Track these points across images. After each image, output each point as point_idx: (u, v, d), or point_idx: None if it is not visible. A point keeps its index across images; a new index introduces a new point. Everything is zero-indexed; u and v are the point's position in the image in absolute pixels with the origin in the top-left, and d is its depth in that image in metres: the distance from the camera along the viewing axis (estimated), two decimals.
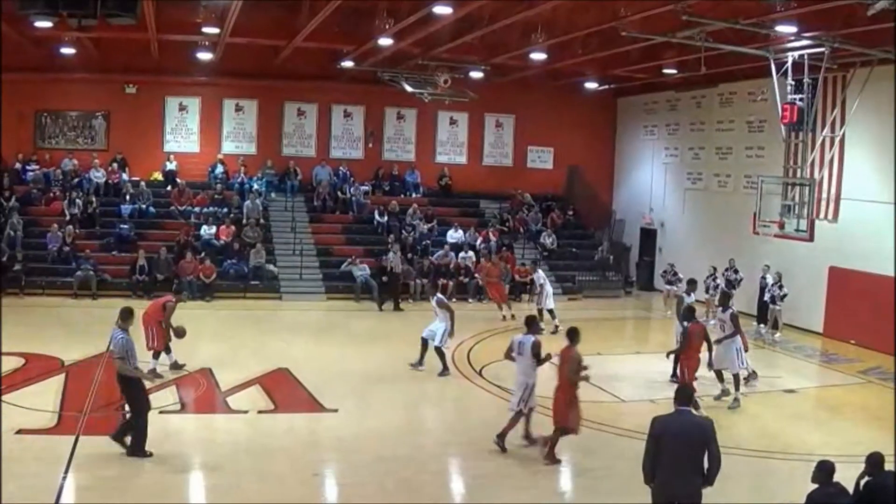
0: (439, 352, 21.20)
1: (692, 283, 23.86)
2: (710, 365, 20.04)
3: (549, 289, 28.24)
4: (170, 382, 19.07)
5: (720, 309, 21.22)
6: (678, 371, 19.80)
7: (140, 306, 25.83)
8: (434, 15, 23.20)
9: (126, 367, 14.31)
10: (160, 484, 13.29)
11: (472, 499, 14.09)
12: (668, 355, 21.02)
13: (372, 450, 15.60)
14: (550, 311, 27.66)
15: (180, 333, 19.34)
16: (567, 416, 15.55)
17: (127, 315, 14.94)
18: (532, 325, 16.73)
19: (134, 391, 14.51)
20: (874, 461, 11.01)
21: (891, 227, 26.11)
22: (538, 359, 15.92)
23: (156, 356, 19.56)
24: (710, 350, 19.84)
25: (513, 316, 29.04)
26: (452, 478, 15.35)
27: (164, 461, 14.17)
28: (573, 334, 15.83)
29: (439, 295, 22.11)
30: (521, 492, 14.11)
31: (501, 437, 15.89)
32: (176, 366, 19.97)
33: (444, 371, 21.12)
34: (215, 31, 26.49)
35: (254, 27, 26.97)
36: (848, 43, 22.32)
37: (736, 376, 19.81)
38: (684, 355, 19.11)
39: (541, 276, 28.60)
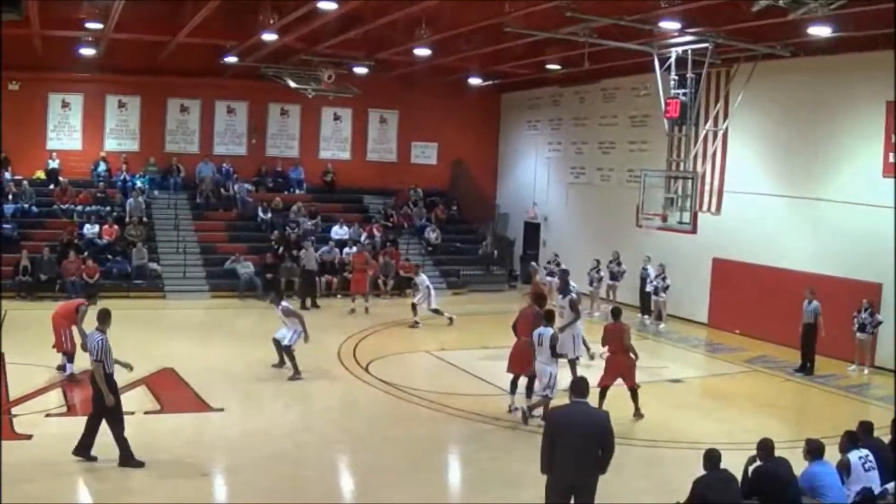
0: (289, 354, 20.91)
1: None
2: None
3: (432, 291, 28.20)
4: (57, 384, 18.64)
5: (560, 296, 21.34)
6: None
7: (25, 308, 25.56)
8: (319, 10, 23.11)
9: (99, 371, 14.07)
10: (46, 487, 12.93)
11: (359, 494, 14.01)
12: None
13: (260, 448, 15.46)
14: (436, 311, 27.74)
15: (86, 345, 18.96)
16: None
17: (105, 317, 14.67)
18: (551, 318, 17.95)
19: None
20: (765, 447, 11.22)
21: (772, 218, 26.75)
22: (553, 350, 17.13)
23: (70, 359, 19.21)
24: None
25: (366, 310, 29.42)
26: (340, 474, 15.27)
27: (50, 464, 13.79)
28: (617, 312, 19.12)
29: (284, 303, 21.77)
30: (409, 486, 14.04)
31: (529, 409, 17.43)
32: (74, 376, 19.46)
33: (296, 375, 20.66)
34: (99, 26, 25.92)
35: (137, 23, 26.50)
36: (732, 39, 22.72)
37: (572, 362, 19.97)
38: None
39: (424, 279, 28.51)
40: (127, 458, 14.05)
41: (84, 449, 14.11)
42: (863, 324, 22.90)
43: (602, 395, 17.85)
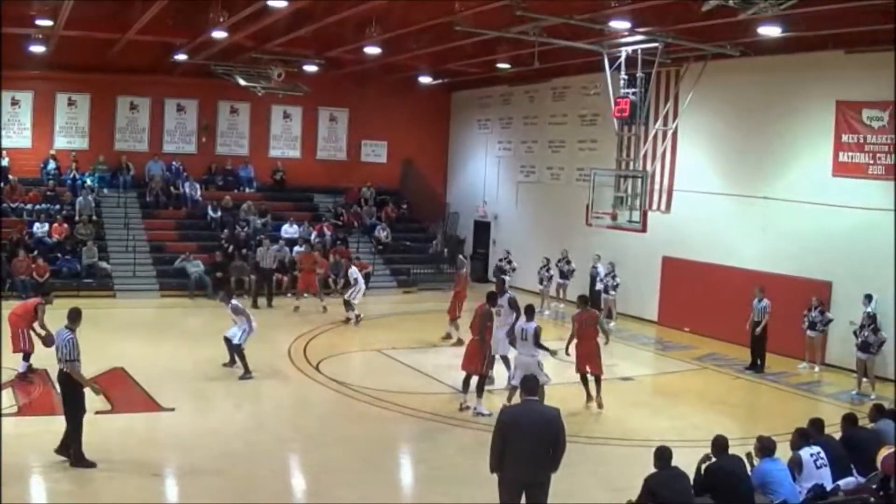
0: (240, 353, 20.79)
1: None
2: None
3: (361, 286, 28.12)
4: (6, 384, 18.32)
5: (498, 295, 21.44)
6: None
7: None
8: (269, 8, 23.02)
9: (77, 369, 13.91)
10: None
11: (312, 494, 13.95)
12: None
13: (211, 447, 15.36)
14: (348, 304, 27.78)
15: (49, 342, 18.67)
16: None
17: (75, 316, 14.42)
18: (530, 312, 18.43)
19: (77, 394, 14.02)
20: (719, 444, 11.29)
21: (722, 216, 26.95)
22: (537, 342, 17.72)
23: (26, 358, 18.97)
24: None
25: (324, 308, 29.31)
26: (292, 474, 15.19)
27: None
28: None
29: (234, 301, 21.65)
30: (361, 485, 14.03)
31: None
32: (26, 376, 19.21)
33: (246, 374, 20.52)
34: (49, 23, 25.60)
35: (88, 20, 26.05)
36: (681, 38, 22.84)
37: (505, 357, 19.93)
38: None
39: (354, 271, 28.43)
40: (79, 458, 13.93)
41: (76, 454, 13.99)
42: (813, 322, 23.09)
43: (584, 381, 18.91)
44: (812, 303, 23.16)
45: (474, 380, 18.20)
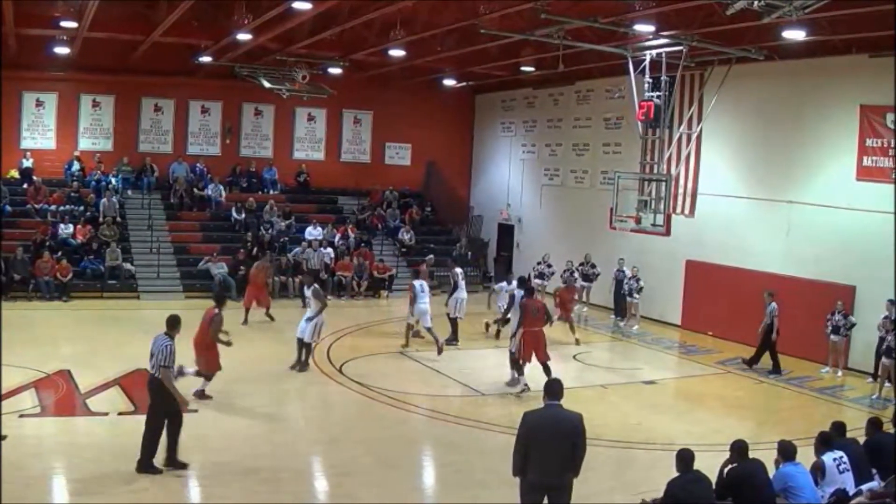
0: (307, 347, 21.17)
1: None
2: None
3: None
4: (28, 385, 18.44)
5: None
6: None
7: None
8: (293, 10, 22.98)
9: (169, 376, 13.91)
10: (18, 489, 12.82)
11: (334, 496, 13.95)
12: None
13: (234, 449, 15.40)
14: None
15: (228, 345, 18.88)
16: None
17: (174, 322, 14.48)
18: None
19: (167, 400, 14.02)
20: (739, 449, 11.27)
21: (746, 220, 26.90)
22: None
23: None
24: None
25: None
26: (315, 475, 15.21)
27: (23, 465, 13.61)
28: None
29: (316, 286, 21.94)
30: (382, 487, 14.06)
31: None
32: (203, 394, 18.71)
33: (299, 365, 21.08)
34: (73, 25, 25.72)
35: (112, 21, 26.23)
36: (706, 42, 22.78)
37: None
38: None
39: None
40: (173, 459, 14.07)
41: (143, 461, 14.00)
42: (836, 326, 23.01)
43: (546, 369, 19.22)
44: (836, 307, 23.08)
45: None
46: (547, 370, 18.95)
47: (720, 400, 20.66)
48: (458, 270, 27.19)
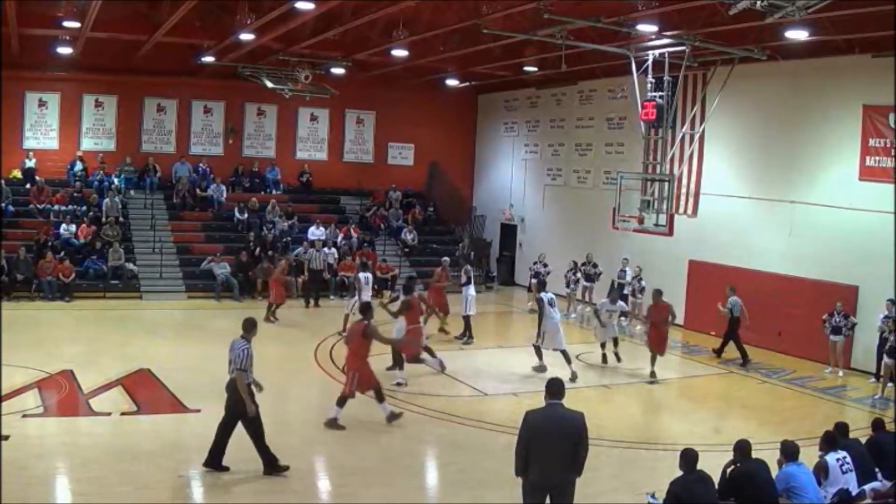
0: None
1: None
2: None
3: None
4: (31, 385, 18.46)
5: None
6: None
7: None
8: (296, 10, 23.00)
9: (243, 379, 13.85)
10: (20, 489, 12.83)
11: (339, 496, 13.96)
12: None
13: (237, 449, 15.33)
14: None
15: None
16: None
17: (251, 326, 14.33)
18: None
19: (241, 404, 13.98)
20: (741, 449, 11.28)
21: (749, 220, 26.91)
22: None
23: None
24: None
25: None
26: (319, 475, 15.21)
27: (26, 466, 13.63)
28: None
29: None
30: (386, 487, 14.08)
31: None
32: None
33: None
34: (76, 25, 25.72)
35: (114, 22, 26.23)
36: (709, 42, 22.77)
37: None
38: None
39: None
40: (272, 465, 14.06)
41: (215, 458, 14.11)
42: (837, 326, 23.00)
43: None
44: (836, 307, 23.07)
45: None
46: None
47: (723, 400, 20.68)
48: (470, 267, 27.90)
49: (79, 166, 34.79)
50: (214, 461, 14.08)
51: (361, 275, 26.10)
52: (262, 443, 14.08)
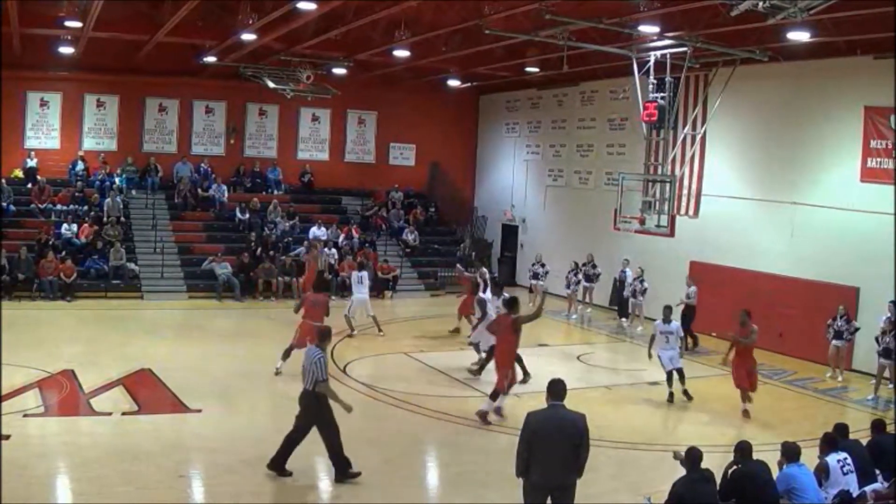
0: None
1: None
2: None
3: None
4: (32, 385, 18.48)
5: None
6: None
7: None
8: (297, 10, 22.99)
9: (329, 388, 13.87)
10: (21, 488, 12.83)
11: (338, 496, 13.94)
12: None
13: (237, 449, 15.37)
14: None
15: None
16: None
17: (326, 335, 14.46)
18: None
19: (327, 413, 13.97)
20: (742, 449, 11.30)
21: (750, 221, 26.91)
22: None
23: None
24: None
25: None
26: (319, 476, 15.16)
27: (27, 465, 13.66)
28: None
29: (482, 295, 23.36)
30: (386, 487, 14.11)
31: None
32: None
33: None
34: (78, 25, 25.71)
35: (116, 21, 26.25)
36: (710, 43, 22.77)
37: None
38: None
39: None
40: (344, 472, 14.05)
41: (279, 464, 14.11)
42: (839, 331, 22.95)
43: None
44: (839, 311, 23.04)
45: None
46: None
47: (724, 401, 20.59)
48: (486, 270, 27.99)
49: (80, 166, 34.78)
50: (278, 465, 14.11)
51: (355, 273, 26.69)
52: (339, 451, 14.00)
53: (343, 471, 14.05)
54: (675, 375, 20.52)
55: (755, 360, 19.81)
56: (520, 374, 19.36)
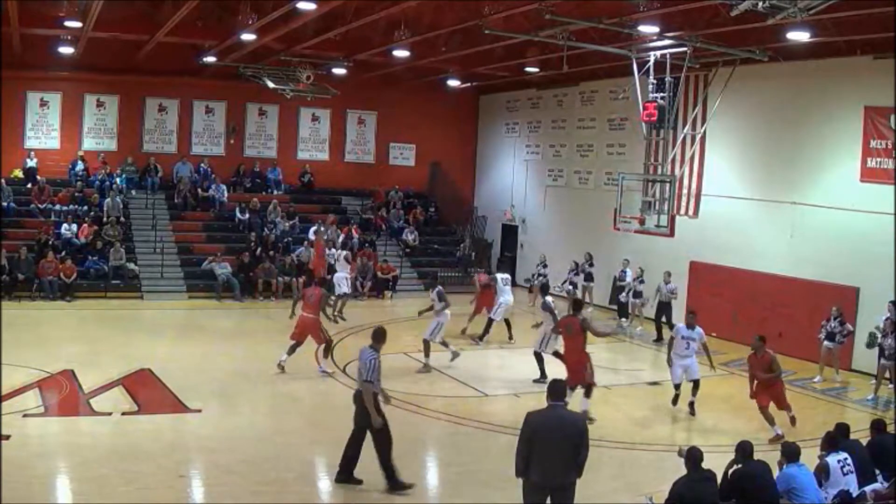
0: (425, 344, 22.28)
1: None
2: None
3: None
4: (32, 385, 18.48)
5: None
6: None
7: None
8: (297, 10, 22.98)
9: (369, 390, 13.69)
10: (21, 489, 12.82)
11: (339, 496, 13.95)
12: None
13: (237, 449, 15.37)
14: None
15: None
16: None
17: (381, 336, 14.28)
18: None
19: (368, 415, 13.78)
20: (743, 449, 11.29)
21: (750, 221, 26.90)
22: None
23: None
24: None
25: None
26: (319, 476, 15.17)
27: (27, 465, 13.67)
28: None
29: (440, 287, 22.79)
30: (386, 489, 14.00)
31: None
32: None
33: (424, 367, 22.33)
34: (78, 25, 25.71)
35: (116, 22, 26.30)
36: (710, 43, 22.76)
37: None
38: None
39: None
40: (394, 484, 13.81)
41: (347, 472, 14.00)
42: (831, 333, 22.79)
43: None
44: (832, 313, 22.92)
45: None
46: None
47: (724, 401, 20.63)
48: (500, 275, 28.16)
49: (80, 166, 34.78)
50: (345, 474, 13.98)
51: (339, 274, 27.95)
52: (388, 457, 13.81)
53: (394, 481, 13.83)
54: (689, 388, 19.59)
55: (782, 384, 18.43)
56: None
